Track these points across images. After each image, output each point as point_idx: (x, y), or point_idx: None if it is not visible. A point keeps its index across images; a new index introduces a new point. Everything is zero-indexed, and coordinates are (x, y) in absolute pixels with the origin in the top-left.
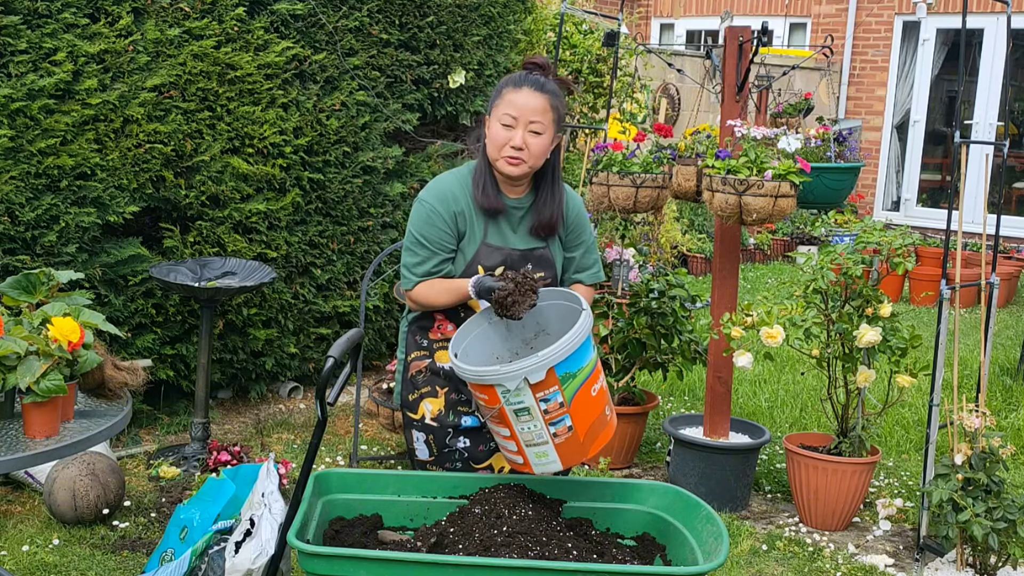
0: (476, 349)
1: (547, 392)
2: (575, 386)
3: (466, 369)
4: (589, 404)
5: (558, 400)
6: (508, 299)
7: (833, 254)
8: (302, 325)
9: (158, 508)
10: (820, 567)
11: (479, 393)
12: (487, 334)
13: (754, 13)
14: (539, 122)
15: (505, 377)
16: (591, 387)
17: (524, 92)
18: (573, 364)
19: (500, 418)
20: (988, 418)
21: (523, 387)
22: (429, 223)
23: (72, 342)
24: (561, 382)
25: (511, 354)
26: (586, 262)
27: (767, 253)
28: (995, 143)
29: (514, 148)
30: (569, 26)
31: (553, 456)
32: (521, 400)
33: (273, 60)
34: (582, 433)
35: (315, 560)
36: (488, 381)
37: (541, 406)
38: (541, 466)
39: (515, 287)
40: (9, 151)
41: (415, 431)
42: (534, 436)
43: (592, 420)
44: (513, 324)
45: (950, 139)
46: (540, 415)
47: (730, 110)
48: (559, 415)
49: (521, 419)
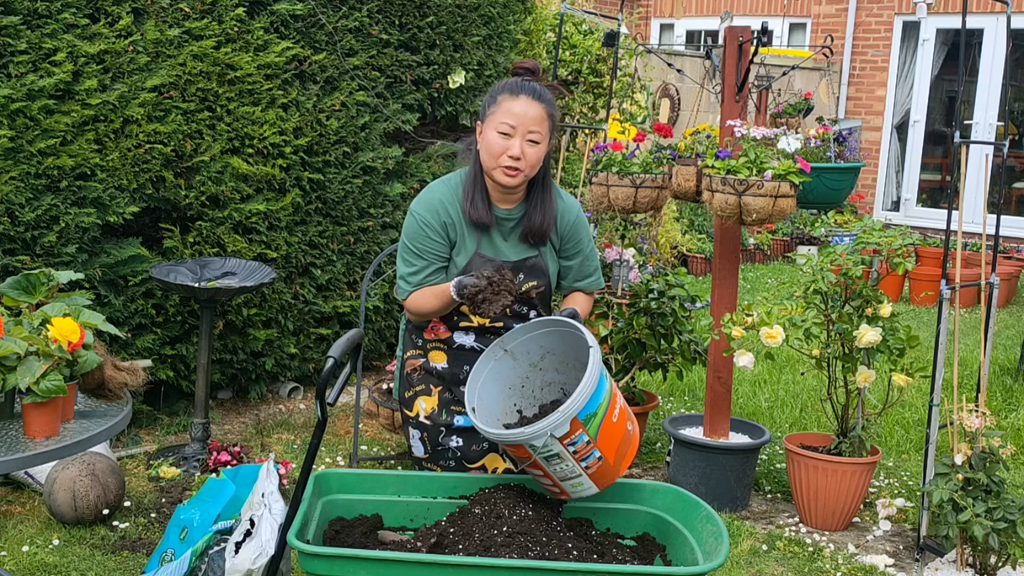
0: (489, 387)
1: (573, 437)
2: (598, 423)
3: (491, 433)
4: (612, 431)
5: (584, 440)
6: (479, 296)
7: (833, 254)
8: (302, 325)
9: (158, 508)
10: (820, 567)
11: (509, 449)
12: (496, 370)
13: (754, 13)
14: (537, 131)
15: (531, 437)
16: (611, 415)
17: (522, 100)
18: (592, 405)
19: (533, 465)
20: (988, 418)
21: (550, 440)
22: (421, 234)
23: (72, 342)
24: (584, 424)
25: (522, 380)
26: (586, 270)
27: (767, 253)
28: (995, 143)
29: (512, 158)
30: (569, 26)
31: (588, 484)
32: (550, 449)
33: (273, 60)
34: (611, 459)
35: (315, 560)
36: (514, 442)
37: (569, 449)
38: (577, 493)
39: (488, 284)
40: (9, 151)
41: (411, 428)
42: (567, 473)
43: (618, 443)
44: (518, 352)
45: (950, 139)
46: (570, 456)
47: (730, 110)
48: (588, 452)
49: (552, 463)
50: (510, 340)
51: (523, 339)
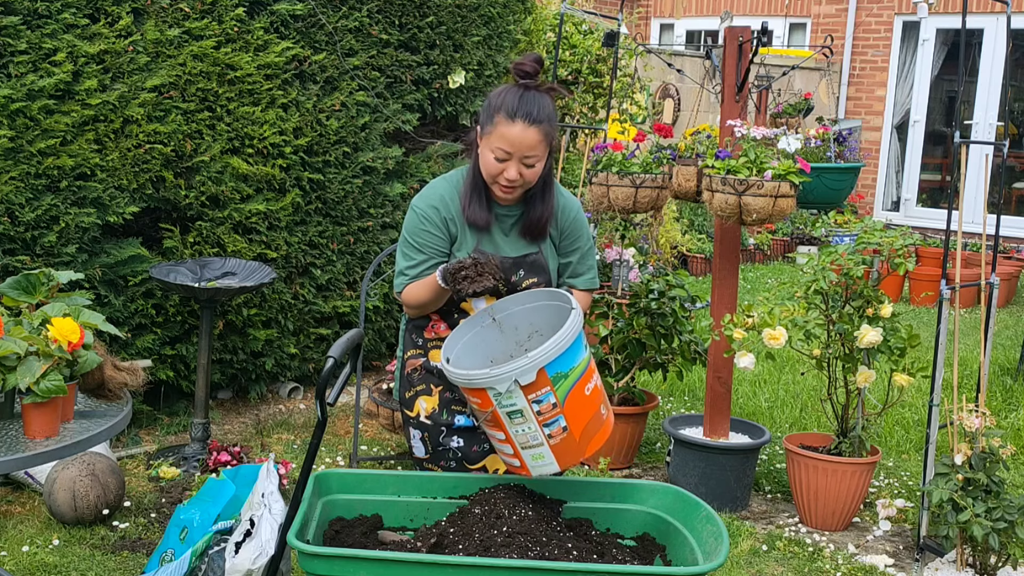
0: (470, 353)
1: (539, 393)
2: (567, 386)
3: (456, 373)
4: (583, 403)
5: (551, 401)
6: (460, 273)
7: (834, 255)
8: (302, 325)
9: (158, 508)
10: (820, 567)
11: (472, 397)
12: (481, 338)
13: (754, 13)
14: (533, 155)
15: (495, 380)
16: (584, 386)
17: (518, 126)
18: (564, 364)
19: (494, 421)
20: (988, 418)
21: (514, 389)
22: (421, 228)
23: (72, 342)
24: (553, 383)
25: (505, 356)
26: (580, 268)
27: (767, 253)
28: (995, 143)
29: (508, 180)
30: (569, 26)
31: (549, 458)
32: (513, 402)
33: (273, 60)
34: (577, 433)
35: (315, 560)
36: (478, 384)
37: (534, 408)
38: (538, 468)
39: (472, 264)
40: (9, 151)
41: (412, 428)
42: (529, 438)
43: (587, 420)
44: (507, 327)
45: (950, 139)
46: (533, 417)
47: (730, 110)
48: (553, 416)
49: (515, 421)
50: (500, 309)
51: (514, 310)
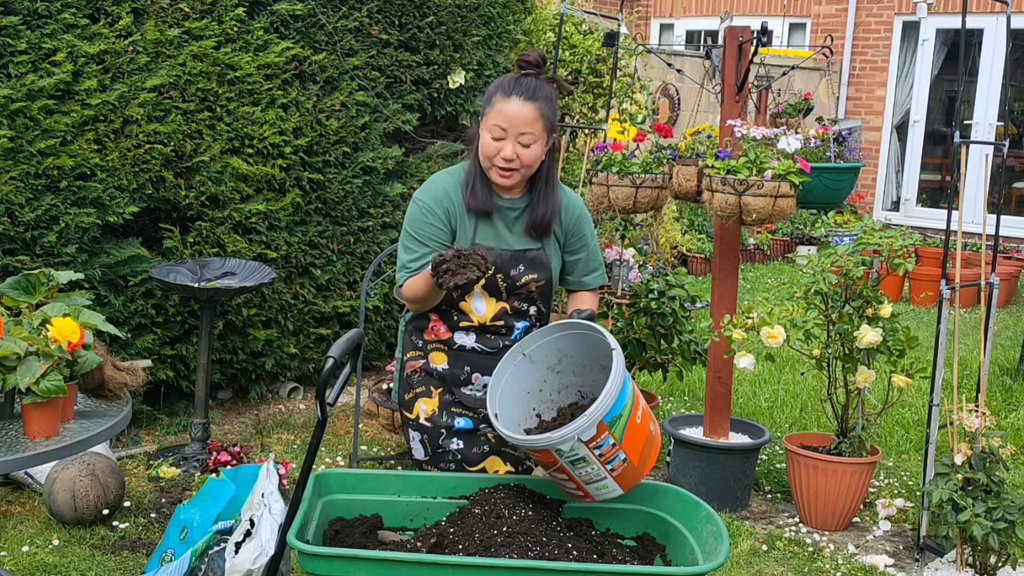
0: (508, 393)
1: (599, 440)
2: (623, 425)
3: (518, 439)
4: (636, 432)
5: (610, 443)
6: (442, 266)
7: (833, 255)
8: (302, 325)
9: (158, 509)
10: (820, 567)
11: (535, 455)
12: (515, 375)
13: (754, 13)
14: (529, 133)
15: (557, 442)
16: (635, 416)
17: (513, 102)
18: (617, 407)
19: (559, 469)
20: (988, 418)
21: (577, 445)
22: (423, 220)
23: (72, 342)
24: (610, 427)
25: (539, 383)
26: (591, 265)
27: (767, 253)
28: (995, 143)
29: (505, 159)
30: (569, 26)
31: (613, 486)
32: (576, 453)
33: (273, 60)
34: (636, 460)
35: (315, 560)
36: (540, 447)
37: (595, 453)
38: (602, 495)
39: (454, 255)
40: (9, 151)
41: (411, 430)
42: (593, 475)
43: (642, 445)
44: (536, 356)
45: (950, 139)
46: (596, 460)
47: (730, 110)
48: (613, 454)
49: (578, 467)
50: (528, 344)
51: (541, 343)
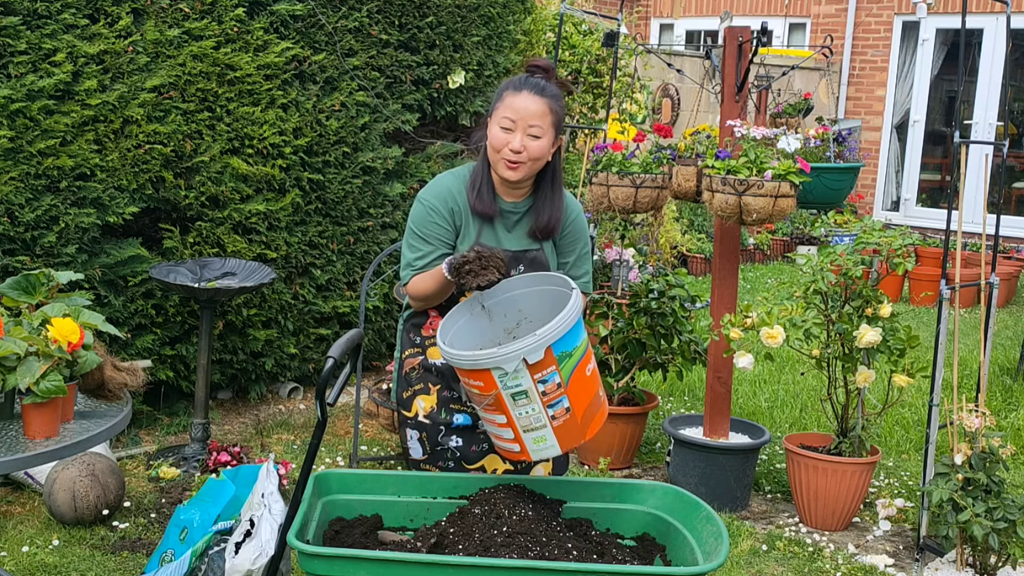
0: (460, 341)
1: (545, 373)
2: (571, 366)
3: (461, 355)
4: (585, 384)
5: (556, 380)
6: (465, 267)
7: (833, 255)
8: (302, 326)
9: (158, 509)
10: (820, 567)
11: (473, 380)
12: (470, 326)
13: (754, 13)
14: (538, 126)
15: (503, 359)
16: (585, 367)
17: (523, 96)
18: (569, 343)
19: (496, 405)
20: (988, 418)
21: (521, 368)
22: (428, 219)
23: (72, 343)
24: (558, 362)
25: (493, 344)
26: (576, 272)
27: (767, 253)
28: (995, 143)
29: (513, 151)
30: (569, 26)
31: (552, 440)
32: (519, 383)
33: (273, 61)
34: (579, 414)
35: (315, 561)
36: (484, 365)
37: (539, 388)
38: (539, 452)
39: (476, 257)
40: (9, 152)
41: (409, 429)
42: (532, 420)
43: (588, 401)
44: (495, 314)
45: (950, 139)
46: (538, 397)
47: (730, 110)
48: (557, 396)
49: (519, 403)
50: (490, 296)
51: (503, 298)
